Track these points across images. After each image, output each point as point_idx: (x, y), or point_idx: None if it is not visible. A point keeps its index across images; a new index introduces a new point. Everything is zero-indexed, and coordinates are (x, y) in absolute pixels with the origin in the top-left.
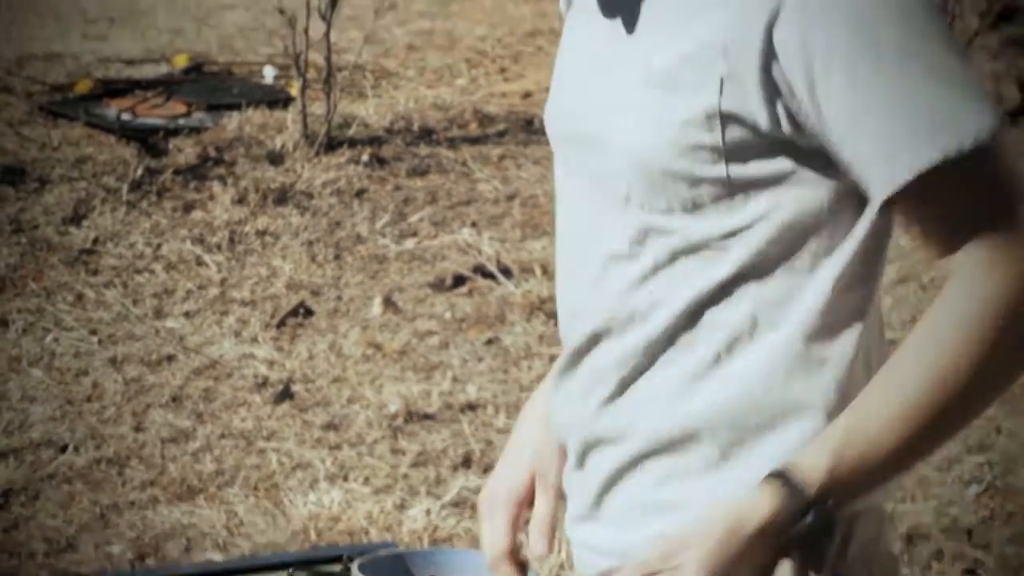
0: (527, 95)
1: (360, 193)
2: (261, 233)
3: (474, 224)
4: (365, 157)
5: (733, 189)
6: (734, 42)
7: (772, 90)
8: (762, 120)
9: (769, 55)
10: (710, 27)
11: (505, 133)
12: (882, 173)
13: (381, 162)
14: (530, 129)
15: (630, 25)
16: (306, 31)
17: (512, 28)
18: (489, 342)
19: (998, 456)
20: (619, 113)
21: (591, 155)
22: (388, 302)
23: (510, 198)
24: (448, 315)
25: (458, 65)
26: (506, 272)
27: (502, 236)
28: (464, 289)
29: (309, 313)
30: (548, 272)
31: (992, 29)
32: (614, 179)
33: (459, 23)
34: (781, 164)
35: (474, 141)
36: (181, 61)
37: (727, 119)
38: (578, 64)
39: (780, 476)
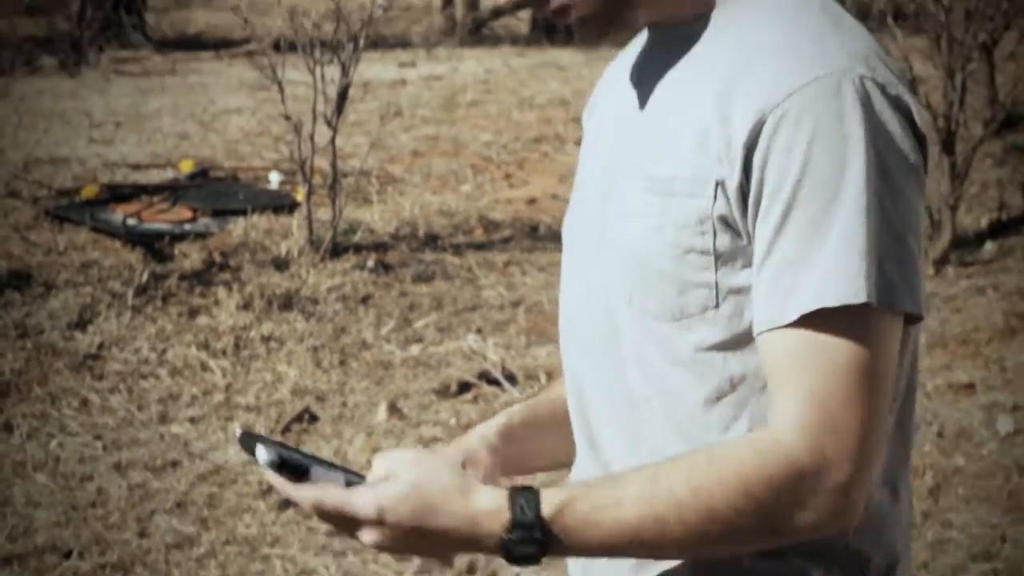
0: (532, 201)
1: (365, 299)
2: (266, 339)
3: (479, 330)
4: (370, 263)
5: (720, 297)
6: (725, 153)
7: (746, 204)
8: (742, 229)
9: (746, 171)
10: (707, 138)
11: (510, 239)
12: (758, 313)
13: (386, 268)
14: (535, 235)
15: (635, 139)
16: (312, 137)
17: (517, 134)
18: None
19: (1003, 564)
20: (624, 219)
21: (599, 258)
22: (393, 408)
23: (515, 304)
24: (453, 421)
25: (463, 171)
26: (511, 379)
27: (507, 343)
28: (469, 396)
29: (314, 419)
30: (553, 379)
31: (996, 136)
32: (618, 280)
33: (464, 129)
34: None
35: (479, 247)
36: (187, 166)
37: (718, 224)
38: (591, 173)
39: (522, 489)
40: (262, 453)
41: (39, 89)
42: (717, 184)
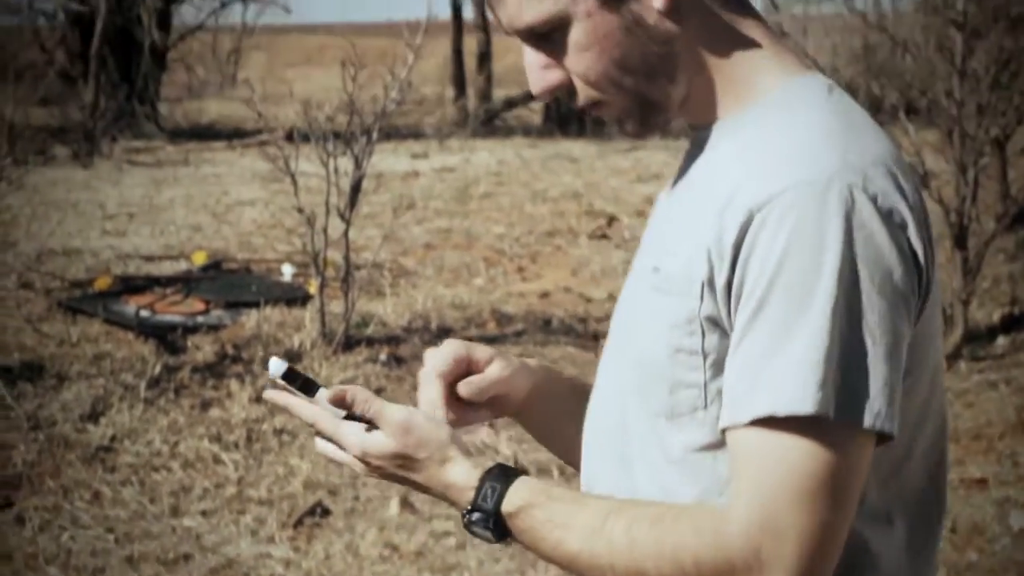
0: (545, 295)
1: (378, 392)
2: (279, 431)
3: (491, 424)
4: (383, 356)
5: (708, 399)
6: (715, 250)
7: (733, 300)
8: (730, 329)
9: (733, 267)
10: (703, 235)
11: (523, 333)
12: (723, 407)
13: (399, 361)
14: (548, 329)
15: (656, 233)
16: (325, 230)
17: (530, 227)
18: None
19: None
20: (635, 312)
21: (623, 350)
22: (405, 502)
23: None
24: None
25: (476, 264)
26: (523, 474)
27: (520, 436)
28: None
29: (326, 513)
30: (565, 474)
31: (1008, 231)
32: (630, 374)
33: (477, 222)
34: None
35: (492, 340)
36: (200, 258)
37: (706, 324)
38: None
39: (496, 475)
40: (275, 364)
41: (52, 180)
42: (703, 284)
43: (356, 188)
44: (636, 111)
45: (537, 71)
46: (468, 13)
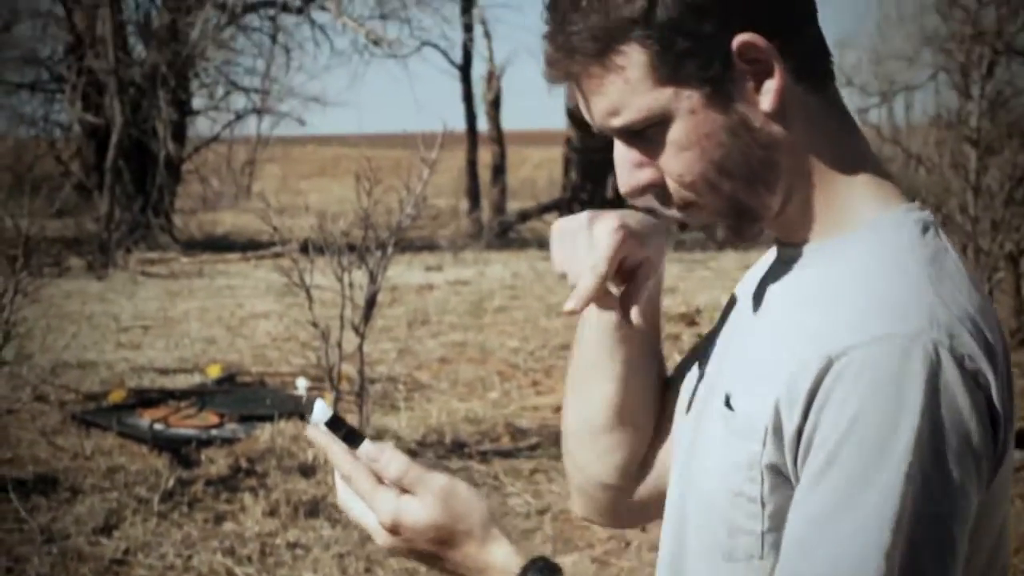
0: (559, 409)
1: None
2: (292, 545)
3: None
4: None
5: (764, 549)
6: (785, 397)
7: (802, 450)
8: (795, 480)
9: (805, 414)
10: (775, 377)
11: (537, 447)
12: (780, 565)
13: None
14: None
15: (729, 360)
16: (339, 344)
17: (544, 341)
18: None
19: None
20: (702, 443)
21: (687, 469)
22: None
23: (541, 512)
24: None
25: (490, 378)
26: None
27: (532, 551)
28: None
29: None
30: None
31: (1022, 346)
32: (693, 500)
33: (491, 336)
34: None
35: (506, 455)
36: (214, 371)
37: (767, 472)
38: (708, 351)
39: (539, 568)
40: (320, 408)
41: (67, 292)
42: (767, 430)
43: (371, 303)
44: (731, 217)
45: (628, 169)
46: (482, 125)
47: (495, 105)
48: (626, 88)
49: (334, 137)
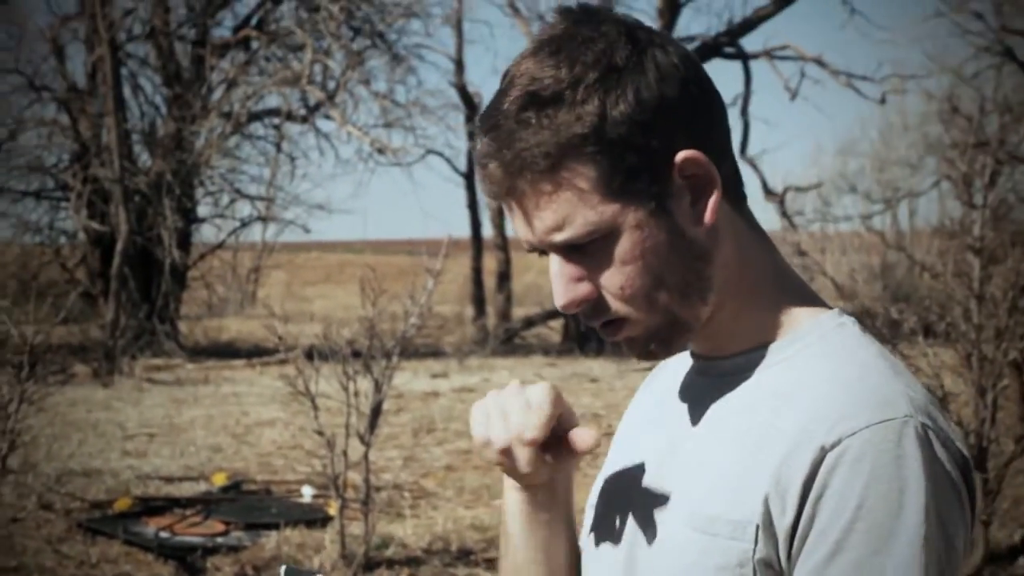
0: None
1: None
2: None
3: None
4: None
5: None
6: (775, 493)
7: (797, 541)
8: (786, 571)
9: (800, 508)
10: (756, 477)
11: None
12: None
13: None
14: None
15: (678, 469)
16: (345, 452)
17: None
18: None
19: None
20: (660, 554)
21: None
22: None
23: None
24: None
25: (496, 486)
26: None
27: None
28: None
29: None
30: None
31: None
32: None
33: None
34: None
35: None
36: (219, 479)
37: (759, 566)
38: (627, 474)
39: None
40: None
41: (72, 399)
42: (758, 527)
43: (376, 412)
44: (664, 331)
45: (565, 283)
46: (487, 232)
47: (500, 212)
48: (573, 203)
49: (339, 244)
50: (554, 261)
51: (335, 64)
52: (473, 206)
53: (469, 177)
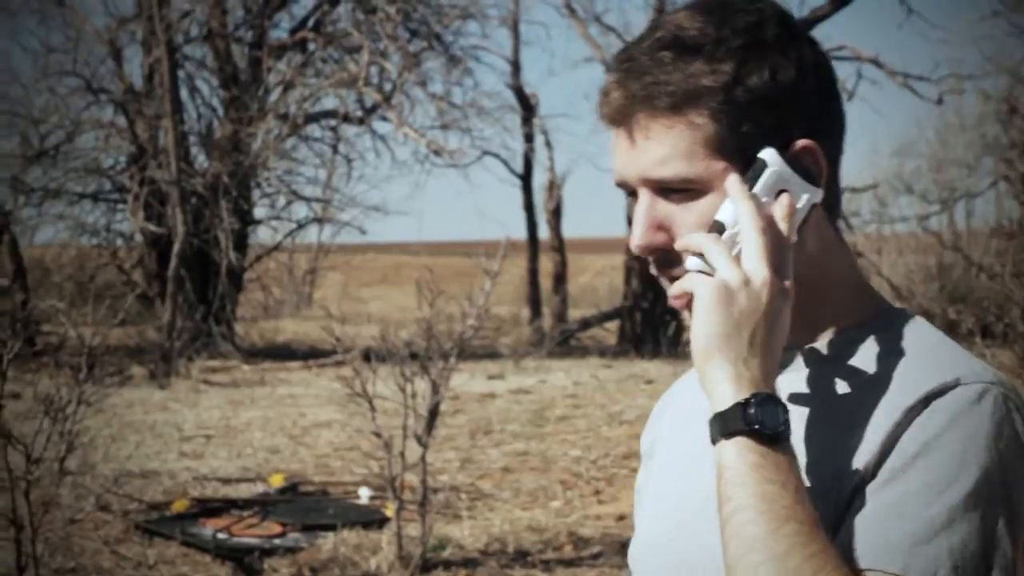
0: (622, 518)
1: None
2: None
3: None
4: None
5: None
6: (867, 457)
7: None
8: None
9: (878, 466)
10: (854, 452)
11: (599, 555)
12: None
13: None
14: (625, 552)
15: None
16: (402, 453)
17: (607, 450)
18: None
19: None
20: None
21: None
22: None
23: None
24: None
25: (553, 487)
26: None
27: None
28: None
29: None
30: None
31: None
32: None
33: (554, 444)
34: None
35: (569, 563)
36: (277, 481)
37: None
38: (666, 514)
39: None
40: None
41: (129, 401)
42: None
43: (433, 413)
44: None
45: (646, 228)
46: (543, 233)
47: (556, 214)
48: (681, 147)
49: (395, 245)
50: (642, 200)
51: (392, 66)
52: (529, 208)
53: (525, 179)
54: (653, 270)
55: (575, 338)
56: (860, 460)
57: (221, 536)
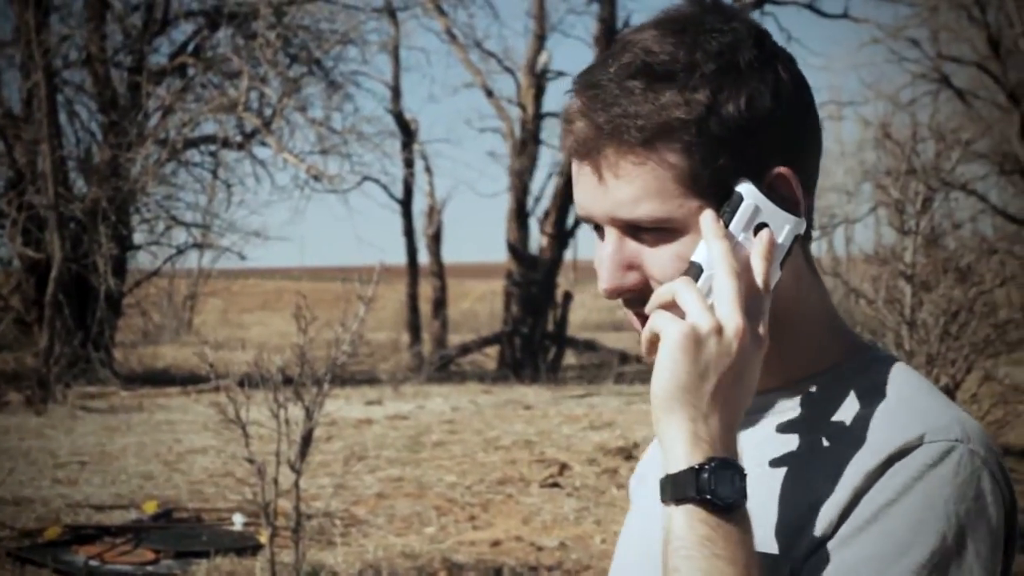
0: (496, 543)
1: None
2: None
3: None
4: None
5: None
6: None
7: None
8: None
9: (841, 515)
10: (816, 502)
11: None
12: None
13: None
14: None
15: None
16: (275, 480)
17: (482, 476)
18: None
19: None
20: None
21: None
22: None
23: None
24: None
25: (427, 513)
26: None
27: None
28: None
29: None
30: None
31: None
32: None
33: (429, 470)
34: None
35: None
36: (150, 507)
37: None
38: (626, 555)
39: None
40: None
41: (5, 427)
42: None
43: (307, 440)
44: None
45: (614, 268)
46: (423, 258)
47: (436, 239)
48: (653, 186)
49: (277, 270)
50: (609, 239)
51: (271, 91)
52: (409, 233)
53: (405, 204)
54: (622, 310)
55: (455, 363)
56: (824, 516)
57: (93, 563)
